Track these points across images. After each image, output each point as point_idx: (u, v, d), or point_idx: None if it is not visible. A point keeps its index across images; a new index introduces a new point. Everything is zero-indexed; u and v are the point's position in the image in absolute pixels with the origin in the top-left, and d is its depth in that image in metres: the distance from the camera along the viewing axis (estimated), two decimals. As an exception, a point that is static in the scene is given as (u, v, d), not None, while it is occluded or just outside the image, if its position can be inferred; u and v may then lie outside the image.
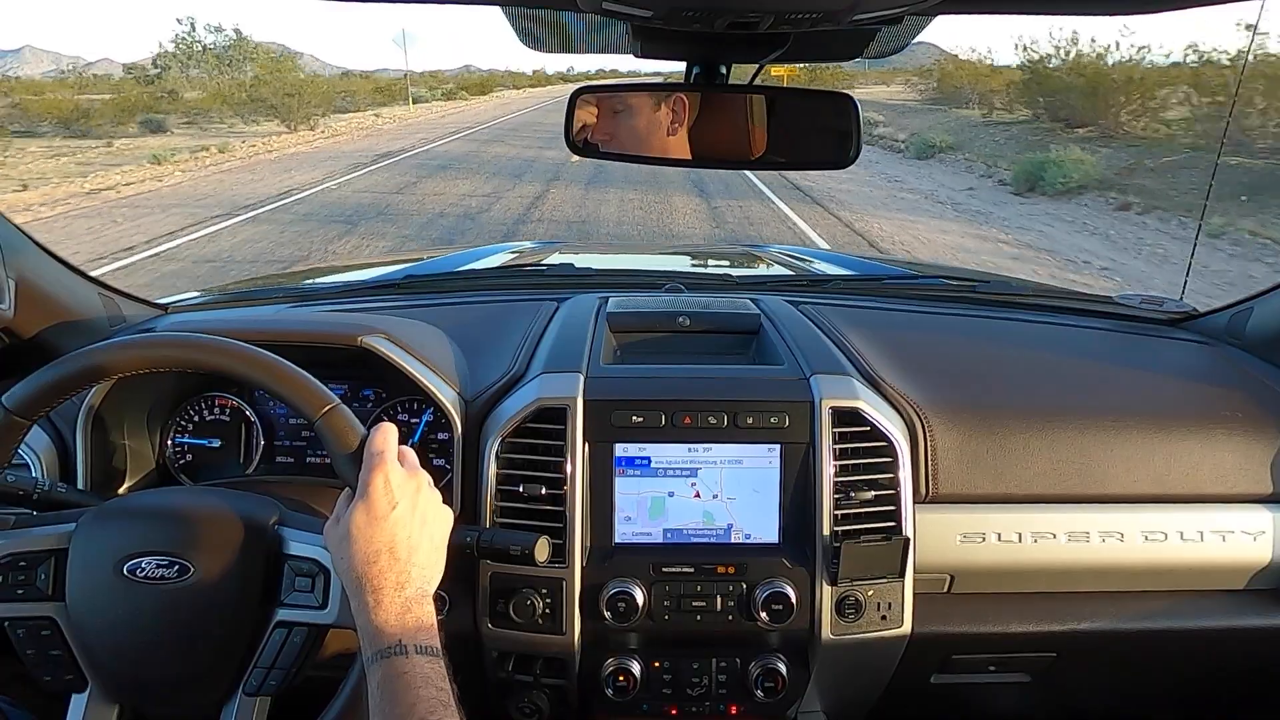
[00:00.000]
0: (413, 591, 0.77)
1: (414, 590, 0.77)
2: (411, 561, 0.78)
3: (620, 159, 1.17)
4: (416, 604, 0.77)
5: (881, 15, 0.82)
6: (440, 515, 0.84)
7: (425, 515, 0.81)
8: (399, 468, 0.81)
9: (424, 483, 0.83)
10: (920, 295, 1.64)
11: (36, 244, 1.19)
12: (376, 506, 0.78)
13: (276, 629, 0.83)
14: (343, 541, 0.78)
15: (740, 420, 1.09)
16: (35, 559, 0.83)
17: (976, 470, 1.15)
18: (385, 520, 0.78)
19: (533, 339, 1.30)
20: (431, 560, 0.81)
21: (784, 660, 1.11)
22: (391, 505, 0.78)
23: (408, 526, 0.79)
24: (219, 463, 1.23)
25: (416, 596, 0.77)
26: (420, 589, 0.78)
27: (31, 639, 0.82)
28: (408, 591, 0.76)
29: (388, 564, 0.76)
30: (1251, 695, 1.34)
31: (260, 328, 1.14)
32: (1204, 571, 1.18)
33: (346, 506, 0.80)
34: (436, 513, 0.83)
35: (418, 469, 0.83)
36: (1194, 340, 1.45)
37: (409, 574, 0.77)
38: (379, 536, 0.77)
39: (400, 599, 0.76)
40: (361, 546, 0.76)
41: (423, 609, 0.77)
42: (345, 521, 0.78)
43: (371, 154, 16.53)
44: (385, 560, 0.76)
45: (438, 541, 0.83)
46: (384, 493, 0.79)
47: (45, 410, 0.84)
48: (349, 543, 0.77)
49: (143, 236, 8.32)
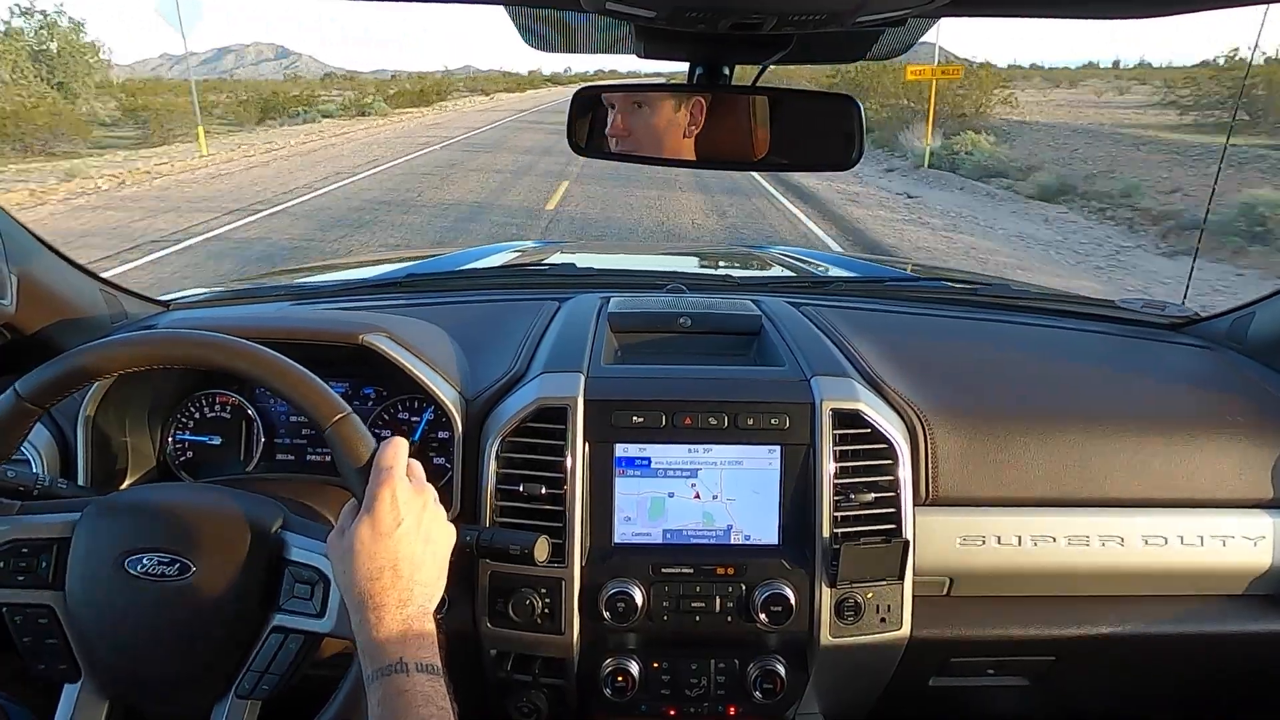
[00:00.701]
0: (414, 609, 0.77)
1: (416, 608, 0.77)
2: (415, 579, 0.78)
3: (623, 159, 1.17)
4: (418, 621, 0.76)
5: (885, 17, 0.82)
6: (444, 533, 0.84)
7: (430, 533, 0.81)
8: (406, 483, 0.81)
9: (430, 499, 0.83)
10: (922, 297, 1.64)
11: (39, 240, 1.19)
12: (382, 522, 0.78)
13: (272, 634, 0.83)
14: (346, 555, 0.77)
15: (741, 421, 1.09)
16: (38, 546, 0.83)
17: (977, 473, 1.14)
18: (390, 537, 0.77)
19: (534, 338, 1.30)
20: (433, 578, 0.81)
21: (783, 662, 1.11)
22: (397, 522, 0.78)
23: (412, 544, 0.79)
24: (219, 460, 1.23)
25: (418, 614, 0.77)
26: (422, 607, 0.78)
27: (28, 626, 0.82)
28: (410, 609, 0.76)
29: (390, 581, 0.76)
30: (1250, 699, 1.34)
31: (262, 325, 1.14)
32: (1204, 576, 1.18)
33: (352, 519, 0.80)
34: (441, 530, 0.83)
35: (425, 485, 0.83)
36: (1195, 345, 1.45)
37: (412, 591, 0.77)
38: (383, 553, 0.77)
39: (402, 616, 0.75)
40: (365, 562, 0.76)
41: (424, 627, 0.77)
42: (350, 536, 0.78)
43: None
44: (389, 577, 0.76)
45: (440, 559, 0.82)
46: (390, 509, 0.78)
47: (58, 399, 0.84)
48: (353, 557, 0.77)
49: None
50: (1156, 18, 0.90)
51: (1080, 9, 0.93)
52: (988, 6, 0.89)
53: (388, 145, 19.62)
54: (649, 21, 0.86)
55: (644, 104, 1.13)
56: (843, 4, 0.72)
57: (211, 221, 9.43)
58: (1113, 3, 0.92)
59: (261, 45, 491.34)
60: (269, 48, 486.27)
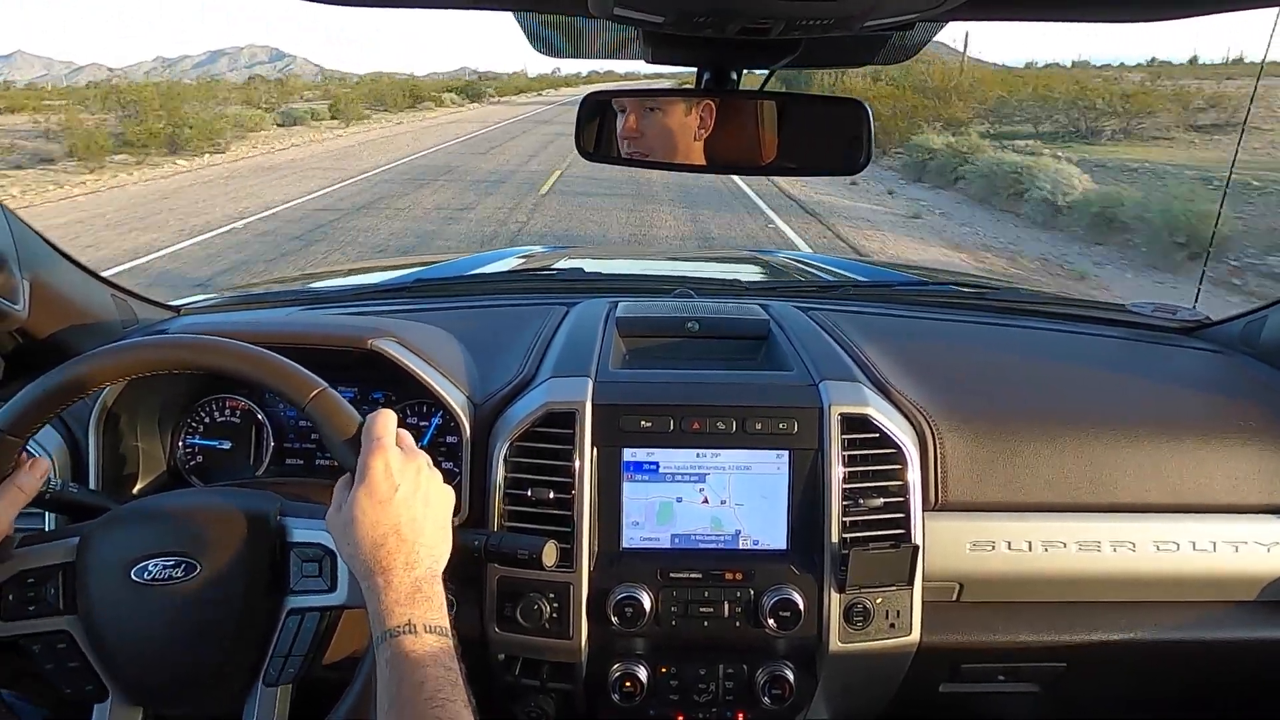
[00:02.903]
0: (423, 571, 0.77)
1: (424, 570, 0.77)
2: (419, 542, 0.78)
3: (632, 164, 1.17)
4: (427, 583, 0.77)
5: (893, 21, 0.82)
6: (443, 495, 0.84)
7: (428, 496, 0.81)
8: (398, 450, 0.81)
9: (424, 463, 0.83)
10: (930, 302, 1.63)
11: (51, 246, 1.20)
12: (379, 490, 0.77)
13: (289, 617, 0.84)
14: (348, 527, 0.77)
15: (749, 426, 1.09)
16: (43, 574, 0.83)
17: (986, 478, 1.14)
18: (389, 503, 0.77)
19: (542, 343, 1.30)
20: (438, 539, 0.81)
21: (791, 667, 1.10)
22: (394, 488, 0.78)
23: (412, 508, 0.79)
24: (229, 464, 1.24)
25: (426, 576, 0.77)
26: (430, 569, 0.78)
27: (49, 653, 0.82)
28: (417, 571, 0.77)
29: (395, 546, 0.76)
30: (1262, 706, 1.32)
31: (271, 330, 1.14)
32: (1216, 582, 1.16)
33: (346, 493, 0.79)
34: (439, 493, 0.83)
35: (416, 450, 0.83)
36: (1207, 349, 1.44)
37: (417, 554, 0.77)
38: (385, 520, 0.77)
39: (410, 579, 0.76)
40: (367, 530, 0.76)
41: (433, 588, 0.77)
42: (349, 508, 0.78)
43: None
44: (393, 542, 0.76)
45: (442, 521, 0.82)
46: (385, 476, 0.78)
47: (38, 427, 0.83)
48: (355, 527, 0.77)
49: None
50: (1164, 21, 0.90)
51: (1088, 12, 0.93)
52: (995, 11, 0.88)
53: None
54: (657, 27, 0.86)
55: (655, 107, 1.14)
56: (850, 9, 0.72)
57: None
58: (1120, 7, 0.92)
59: (256, 48, 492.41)
60: (263, 50, 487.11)
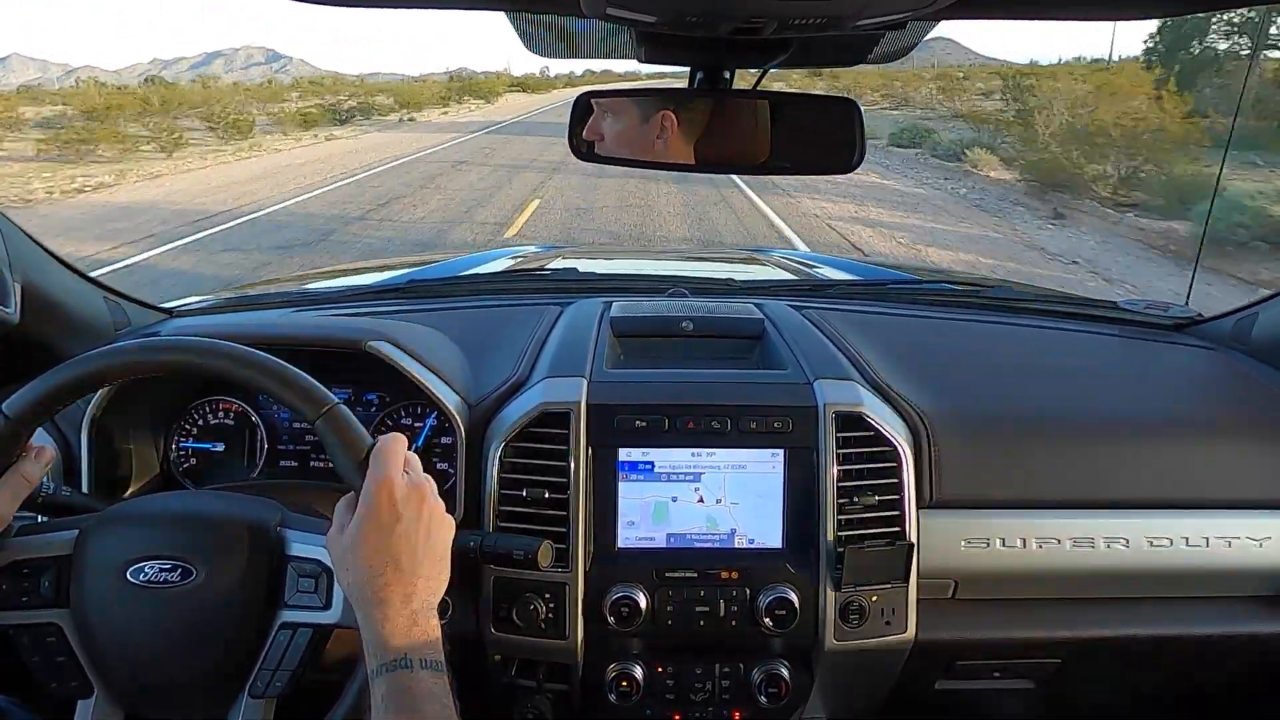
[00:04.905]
0: (419, 604, 0.76)
1: (420, 603, 0.76)
2: (417, 574, 0.77)
3: (624, 164, 1.17)
4: (423, 617, 0.76)
5: (886, 20, 0.82)
6: (444, 525, 0.83)
7: (430, 527, 0.80)
8: (405, 478, 0.80)
9: (429, 491, 0.82)
10: (924, 300, 1.63)
11: (43, 248, 1.19)
12: (382, 518, 0.77)
13: (281, 630, 0.83)
14: (347, 553, 0.77)
15: (744, 425, 1.09)
16: (39, 566, 0.83)
17: (981, 475, 1.14)
18: (391, 534, 0.76)
19: (536, 343, 1.30)
20: (436, 572, 0.80)
21: (787, 666, 1.10)
22: (397, 518, 0.77)
23: (413, 540, 0.78)
24: (223, 467, 1.23)
25: (422, 609, 0.77)
26: (426, 601, 0.77)
27: (36, 646, 0.82)
28: (414, 604, 0.76)
29: (393, 577, 0.76)
30: (1257, 701, 1.33)
31: (265, 332, 1.14)
32: (1210, 577, 1.17)
33: (348, 514, 0.79)
34: (440, 523, 0.82)
35: (423, 478, 0.82)
36: (1199, 345, 1.45)
37: (415, 586, 0.77)
38: (385, 550, 0.76)
39: (407, 612, 0.75)
40: (367, 558, 0.76)
41: (429, 622, 0.76)
42: (350, 533, 0.77)
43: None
44: (391, 574, 0.76)
45: (441, 552, 0.82)
46: (389, 504, 0.77)
47: (45, 417, 0.83)
48: (354, 555, 0.76)
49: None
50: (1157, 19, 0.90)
51: (1080, 10, 0.93)
52: (989, 10, 0.89)
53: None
54: (650, 27, 0.86)
55: (648, 107, 1.13)
56: (843, 8, 0.72)
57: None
58: (1113, 5, 0.92)
59: (252, 49, 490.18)
60: (259, 51, 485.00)
